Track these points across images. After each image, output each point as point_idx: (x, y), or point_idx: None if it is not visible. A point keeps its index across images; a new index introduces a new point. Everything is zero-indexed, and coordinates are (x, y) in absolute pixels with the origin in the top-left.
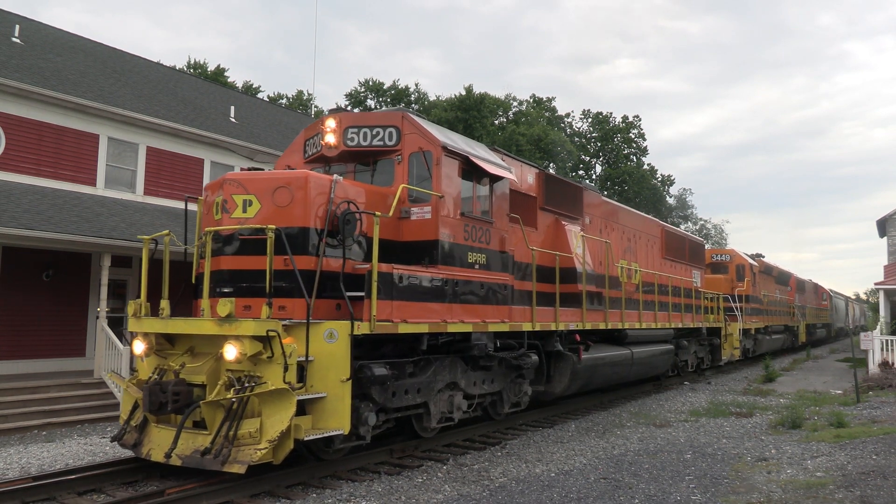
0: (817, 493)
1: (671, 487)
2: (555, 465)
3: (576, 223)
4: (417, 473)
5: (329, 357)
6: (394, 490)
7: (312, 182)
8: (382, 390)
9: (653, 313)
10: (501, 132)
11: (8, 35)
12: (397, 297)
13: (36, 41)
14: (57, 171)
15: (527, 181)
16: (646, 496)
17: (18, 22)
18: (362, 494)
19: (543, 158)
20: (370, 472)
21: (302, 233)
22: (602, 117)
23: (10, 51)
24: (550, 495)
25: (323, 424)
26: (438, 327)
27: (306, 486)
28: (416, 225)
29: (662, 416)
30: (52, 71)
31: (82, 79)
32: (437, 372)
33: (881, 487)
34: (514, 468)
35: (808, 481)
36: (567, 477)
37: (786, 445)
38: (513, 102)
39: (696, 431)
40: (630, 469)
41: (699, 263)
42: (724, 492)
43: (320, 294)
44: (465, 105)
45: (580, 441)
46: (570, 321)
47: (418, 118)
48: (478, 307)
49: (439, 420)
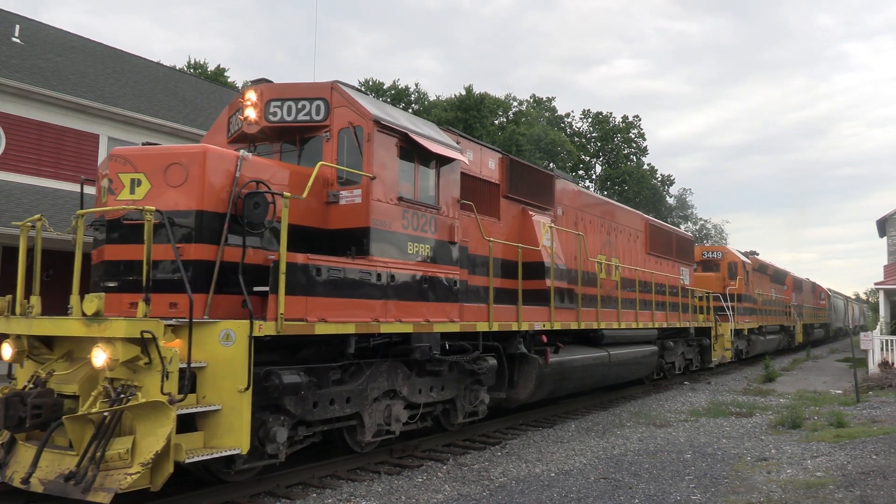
0: (817, 492)
1: (671, 487)
2: (555, 465)
3: (546, 214)
4: (417, 473)
5: (225, 363)
6: (394, 490)
7: (212, 158)
8: (298, 401)
9: (634, 312)
10: (501, 132)
11: (8, 35)
12: (315, 293)
13: (36, 41)
14: (57, 171)
15: (487, 166)
16: (646, 496)
17: (18, 22)
18: (362, 494)
19: (543, 158)
20: (370, 472)
21: (198, 217)
22: (602, 117)
23: (10, 51)
24: (550, 495)
25: (216, 442)
26: (369, 328)
27: (306, 486)
28: (346, 211)
29: (662, 416)
30: (52, 71)
31: (82, 79)
32: (373, 378)
33: (881, 487)
34: (514, 468)
35: (808, 481)
36: (567, 477)
37: (786, 445)
38: (513, 102)
39: (696, 431)
40: (630, 469)
41: (688, 260)
42: (723, 492)
43: (222, 289)
44: (465, 105)
45: (580, 441)
46: (535, 320)
47: (351, 90)
48: (420, 304)
49: (376, 433)
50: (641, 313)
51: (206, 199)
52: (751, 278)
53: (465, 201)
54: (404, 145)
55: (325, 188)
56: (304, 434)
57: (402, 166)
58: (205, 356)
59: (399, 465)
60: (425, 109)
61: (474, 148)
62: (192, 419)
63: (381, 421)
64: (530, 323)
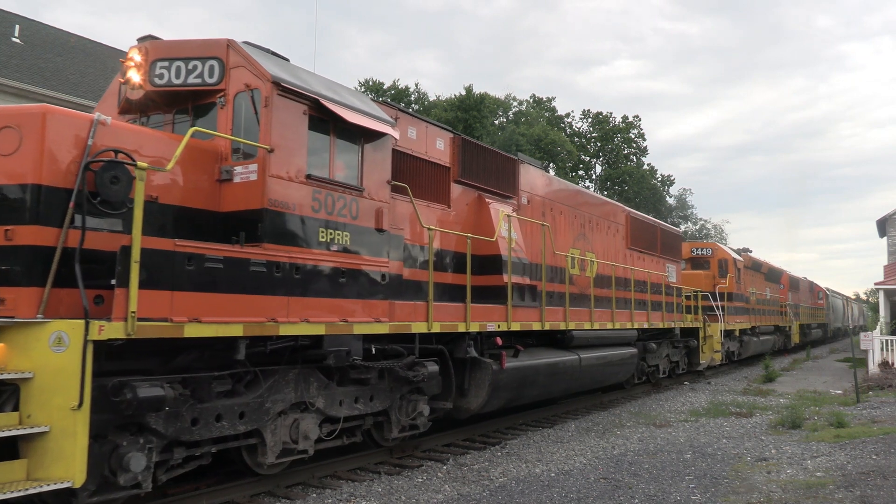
0: (817, 492)
1: (671, 487)
2: (555, 465)
3: (507, 202)
4: (417, 473)
5: (56, 374)
6: (394, 490)
7: (55, 121)
8: (169, 418)
9: (610, 311)
10: (501, 132)
11: (8, 35)
12: (185, 287)
13: (36, 41)
14: None
15: (434, 146)
16: (645, 496)
17: (18, 22)
18: (362, 494)
19: (544, 158)
20: (370, 472)
21: (35, 192)
22: (602, 117)
23: (10, 51)
24: (550, 495)
25: (43, 473)
26: (263, 329)
27: (306, 486)
28: (240, 190)
29: (662, 416)
30: (52, 71)
31: (82, 79)
32: (275, 389)
33: (881, 487)
34: (514, 468)
35: (808, 481)
36: (567, 477)
37: (786, 445)
38: (513, 102)
39: (696, 431)
40: (630, 469)
41: (675, 256)
42: (723, 492)
43: (69, 282)
44: (465, 105)
45: (580, 441)
46: (488, 320)
47: (254, 49)
48: (336, 302)
49: (282, 453)
50: (619, 312)
51: (45, 170)
52: (743, 276)
53: (400, 183)
54: (316, 114)
55: (218, 164)
56: (184, 456)
57: (313, 139)
58: (31, 365)
59: (399, 465)
60: (425, 109)
61: (418, 125)
62: (14, 443)
63: (287, 438)
64: (482, 323)
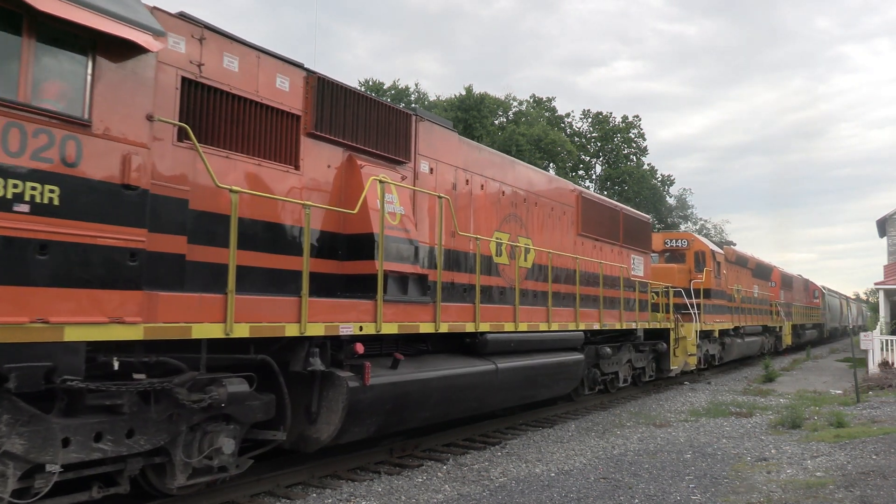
0: (817, 492)
1: (671, 487)
2: (555, 465)
3: (396, 169)
4: (417, 473)
5: None
6: (394, 490)
7: None
8: None
9: (545, 309)
10: (501, 132)
11: None
12: None
13: None
14: None
15: (273, 85)
16: (645, 496)
17: None
18: (362, 494)
19: (544, 158)
20: (370, 472)
21: None
22: (602, 117)
23: None
24: (550, 495)
25: None
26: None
27: (306, 486)
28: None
29: (662, 416)
30: None
31: None
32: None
33: (881, 487)
34: (514, 468)
35: (808, 481)
36: (567, 477)
37: (786, 445)
38: (513, 102)
39: (696, 431)
40: (630, 469)
41: (642, 247)
42: (723, 492)
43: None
44: (465, 105)
45: (580, 441)
46: (343, 320)
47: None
48: (19, 291)
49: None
50: (558, 311)
51: None
52: (724, 271)
53: (180, 123)
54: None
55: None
56: None
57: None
58: None
59: (399, 464)
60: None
61: (243, 53)
62: None
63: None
64: (330, 324)
